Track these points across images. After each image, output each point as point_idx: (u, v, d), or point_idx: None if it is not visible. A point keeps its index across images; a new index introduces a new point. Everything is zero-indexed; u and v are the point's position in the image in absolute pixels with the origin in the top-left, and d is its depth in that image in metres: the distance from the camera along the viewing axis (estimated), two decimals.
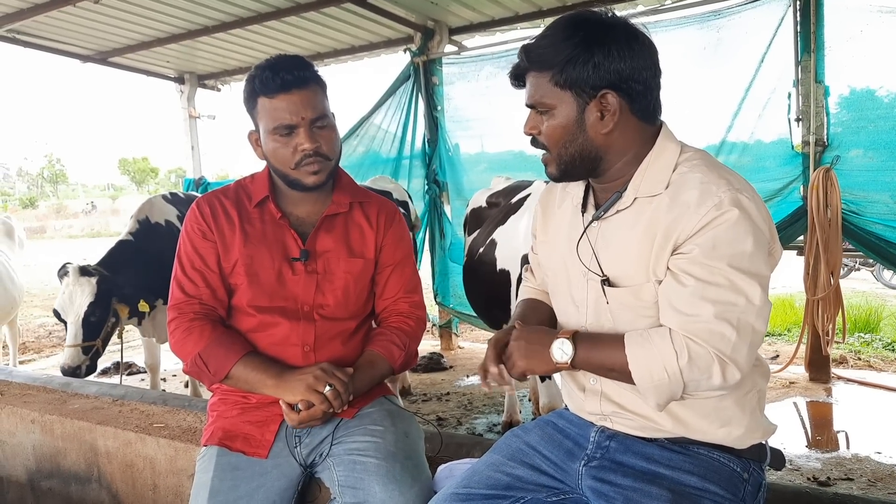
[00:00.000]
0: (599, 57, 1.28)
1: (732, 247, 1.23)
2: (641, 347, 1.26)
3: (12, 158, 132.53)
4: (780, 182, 4.55)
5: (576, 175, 1.43)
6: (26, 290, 6.09)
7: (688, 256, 1.25)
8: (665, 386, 1.24)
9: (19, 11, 5.56)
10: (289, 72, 1.68)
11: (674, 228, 1.27)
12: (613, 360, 1.29)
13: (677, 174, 1.33)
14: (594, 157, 1.37)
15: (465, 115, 6.10)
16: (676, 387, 1.24)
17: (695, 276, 1.24)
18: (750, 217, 1.25)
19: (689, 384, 1.24)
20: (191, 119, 7.95)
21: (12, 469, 2.70)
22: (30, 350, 7.58)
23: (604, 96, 1.30)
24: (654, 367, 1.24)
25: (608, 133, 1.34)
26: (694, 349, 1.22)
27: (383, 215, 1.92)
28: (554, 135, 1.36)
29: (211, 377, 1.76)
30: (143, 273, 4.15)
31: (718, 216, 1.23)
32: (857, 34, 4.24)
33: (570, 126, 1.34)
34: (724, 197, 1.24)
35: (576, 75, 1.30)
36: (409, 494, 1.61)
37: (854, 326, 6.36)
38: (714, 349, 1.21)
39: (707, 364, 1.22)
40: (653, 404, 1.30)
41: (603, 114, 1.32)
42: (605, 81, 1.29)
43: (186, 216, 1.86)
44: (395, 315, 1.92)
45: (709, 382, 1.24)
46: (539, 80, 1.35)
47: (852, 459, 3.54)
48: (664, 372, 1.23)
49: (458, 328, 6.72)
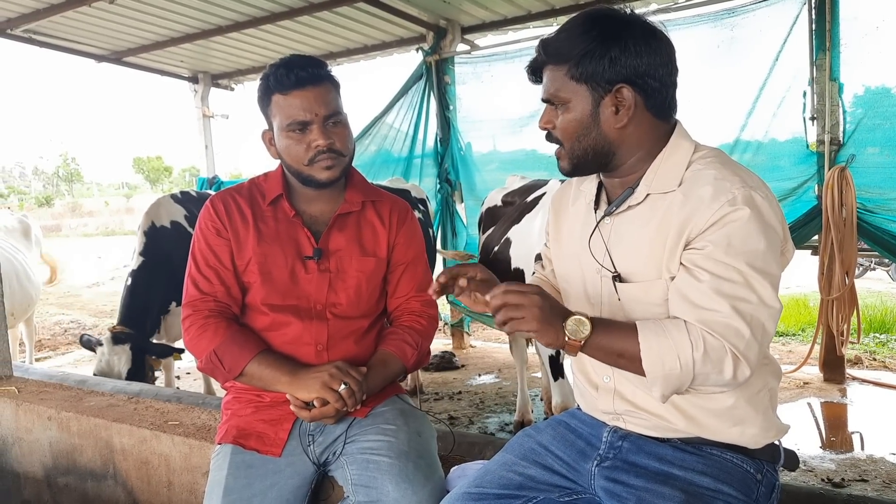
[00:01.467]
0: (616, 51, 1.29)
1: (746, 244, 1.22)
2: (656, 336, 1.24)
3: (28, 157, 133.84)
4: (794, 181, 4.52)
5: (587, 169, 1.43)
6: (42, 288, 6.14)
7: (702, 252, 1.25)
8: (675, 376, 1.22)
9: (35, 12, 5.62)
10: (303, 69, 1.71)
11: (686, 223, 1.27)
12: (625, 347, 1.26)
13: (690, 171, 1.33)
14: (607, 152, 1.37)
15: (477, 114, 6.10)
16: (686, 378, 1.22)
17: (709, 272, 1.23)
18: (762, 215, 1.24)
19: (699, 377, 1.22)
20: (204, 118, 8.00)
21: (29, 465, 2.73)
22: (46, 347, 7.66)
23: (619, 91, 1.31)
24: (667, 357, 1.22)
25: (622, 128, 1.34)
26: (710, 342, 1.20)
27: (396, 214, 1.93)
28: (568, 128, 1.37)
29: (225, 374, 1.77)
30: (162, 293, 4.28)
31: (731, 212, 1.23)
32: (872, 30, 4.20)
33: (585, 119, 1.35)
34: (737, 194, 1.24)
35: (592, 69, 1.30)
36: (422, 493, 1.61)
37: (869, 327, 6.31)
38: (729, 344, 1.20)
39: (720, 358, 1.20)
40: (657, 394, 1.27)
41: (618, 108, 1.33)
42: (621, 76, 1.30)
43: (201, 213, 1.88)
44: (407, 314, 1.93)
45: (718, 377, 1.22)
46: (555, 73, 1.35)
47: (867, 460, 3.51)
48: (677, 362, 1.21)
49: (470, 327, 6.73)
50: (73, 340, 8.06)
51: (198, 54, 7.13)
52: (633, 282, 1.36)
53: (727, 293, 1.21)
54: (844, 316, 4.42)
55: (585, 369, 1.52)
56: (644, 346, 1.24)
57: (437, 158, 6.30)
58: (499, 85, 5.85)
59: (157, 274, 4.27)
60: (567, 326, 1.25)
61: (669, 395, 1.27)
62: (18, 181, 78.13)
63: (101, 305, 10.79)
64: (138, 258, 4.31)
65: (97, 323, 9.23)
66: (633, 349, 1.25)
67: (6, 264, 4.76)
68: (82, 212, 46.08)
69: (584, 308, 1.49)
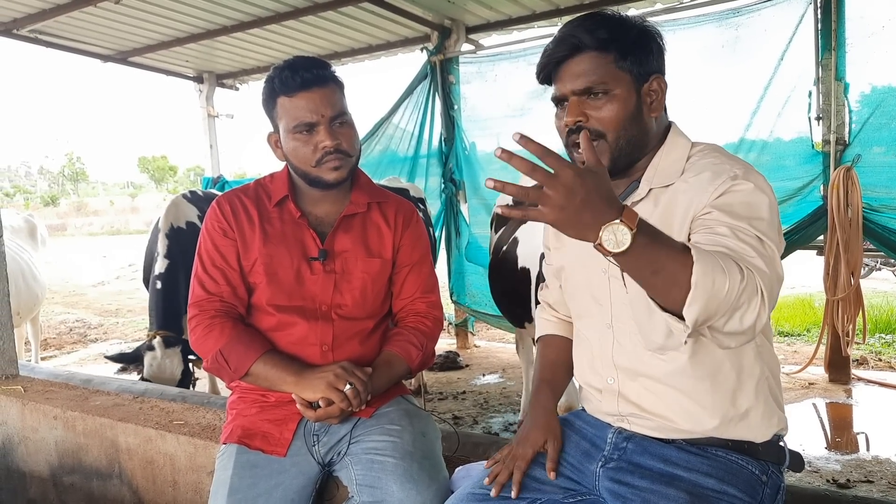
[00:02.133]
0: (655, 45, 1.38)
1: (750, 211, 1.23)
2: (710, 255, 1.12)
3: (34, 157, 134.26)
4: (800, 181, 4.51)
5: (623, 165, 1.38)
6: (48, 288, 6.17)
7: (711, 215, 1.24)
8: (720, 298, 1.10)
9: (41, 12, 5.63)
10: (308, 70, 1.71)
11: (690, 205, 1.29)
12: (668, 260, 1.11)
13: (690, 163, 1.37)
14: (644, 144, 1.39)
15: (482, 113, 6.08)
16: (727, 303, 1.11)
17: (726, 224, 1.21)
18: (764, 191, 1.26)
19: (735, 309, 1.12)
20: (209, 118, 8.01)
21: (35, 465, 2.74)
22: (51, 346, 7.69)
23: (657, 79, 1.37)
24: (719, 276, 1.10)
25: (656, 118, 1.39)
26: (751, 276, 1.12)
27: (401, 215, 1.93)
28: (614, 118, 1.34)
29: (231, 374, 1.78)
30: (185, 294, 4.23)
31: (734, 185, 1.25)
32: (878, 30, 4.18)
33: (631, 107, 1.35)
34: (738, 172, 1.27)
35: (640, 57, 1.35)
36: (427, 494, 1.61)
37: (875, 327, 6.29)
38: (761, 283, 1.13)
39: (753, 293, 1.12)
40: (693, 314, 1.11)
41: (652, 98, 1.38)
42: (654, 68, 1.37)
43: (207, 214, 1.88)
44: (412, 315, 1.93)
45: (746, 315, 1.13)
46: (598, 61, 1.34)
47: (872, 461, 3.50)
48: (726, 282, 1.09)
49: (475, 327, 6.72)
50: (79, 339, 8.09)
51: (203, 54, 7.14)
52: None
53: (747, 241, 1.18)
54: (850, 316, 4.40)
55: (588, 374, 1.52)
56: (699, 259, 1.10)
57: (442, 158, 6.30)
58: (503, 84, 5.83)
59: (181, 275, 4.27)
60: (602, 235, 1.08)
61: (703, 320, 1.12)
62: (24, 180, 78.42)
63: (106, 304, 10.83)
64: (163, 261, 4.28)
65: (102, 322, 9.26)
66: (676, 263, 1.10)
67: (12, 264, 4.76)
68: (87, 211, 46.25)
69: (592, 309, 1.49)
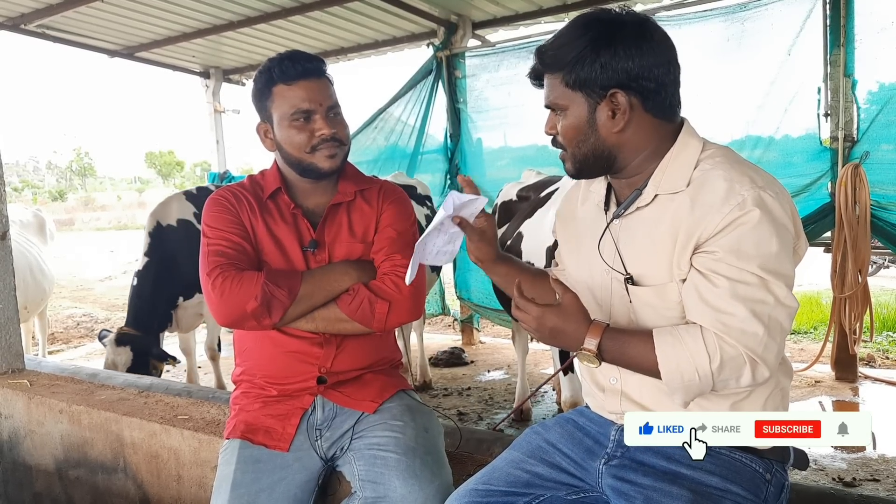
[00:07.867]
0: (606, 57, 1.29)
1: (759, 248, 1.22)
2: (672, 347, 1.25)
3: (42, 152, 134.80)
4: (807, 178, 4.48)
5: (592, 172, 1.44)
6: (56, 282, 6.19)
7: (713, 256, 1.24)
8: (695, 386, 1.24)
9: (49, 7, 5.66)
10: (308, 61, 1.77)
11: (696, 228, 1.27)
12: (642, 359, 1.28)
13: (699, 171, 1.32)
14: (608, 156, 1.37)
15: (488, 109, 6.07)
16: (706, 387, 1.25)
17: (725, 276, 1.23)
18: (773, 216, 1.23)
19: (719, 384, 1.24)
20: (216, 113, 8.03)
21: (41, 458, 2.76)
22: (58, 340, 7.72)
23: (613, 95, 1.31)
24: (685, 368, 1.23)
25: (620, 132, 1.34)
26: (727, 351, 1.21)
27: (383, 193, 1.93)
28: (568, 135, 1.38)
29: (285, 298, 1.72)
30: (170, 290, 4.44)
31: (741, 216, 1.22)
32: (888, 26, 4.15)
33: (583, 126, 1.35)
34: (746, 196, 1.23)
35: (584, 76, 1.31)
36: (429, 489, 1.62)
37: (882, 325, 6.25)
38: (746, 349, 1.21)
39: (739, 366, 1.22)
40: (679, 402, 1.29)
41: (614, 113, 1.32)
42: (614, 81, 1.30)
43: (205, 208, 1.87)
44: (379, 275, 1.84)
45: (738, 382, 1.24)
46: (552, 81, 1.36)
47: (879, 460, 3.48)
48: (695, 373, 1.23)
49: (479, 323, 6.72)
50: (86, 334, 8.12)
51: (209, 49, 7.15)
52: (646, 285, 1.36)
53: (743, 296, 1.21)
54: (857, 314, 4.38)
55: (591, 371, 1.52)
56: (661, 357, 1.25)
57: (447, 153, 6.29)
58: (509, 80, 5.82)
59: (162, 273, 4.39)
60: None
61: (691, 400, 1.29)
62: (32, 175, 78.73)
63: (113, 299, 10.86)
64: (143, 259, 4.45)
65: (109, 316, 9.29)
66: (651, 361, 1.26)
67: (20, 258, 4.78)
68: (95, 206, 46.39)
69: (593, 309, 1.48)
